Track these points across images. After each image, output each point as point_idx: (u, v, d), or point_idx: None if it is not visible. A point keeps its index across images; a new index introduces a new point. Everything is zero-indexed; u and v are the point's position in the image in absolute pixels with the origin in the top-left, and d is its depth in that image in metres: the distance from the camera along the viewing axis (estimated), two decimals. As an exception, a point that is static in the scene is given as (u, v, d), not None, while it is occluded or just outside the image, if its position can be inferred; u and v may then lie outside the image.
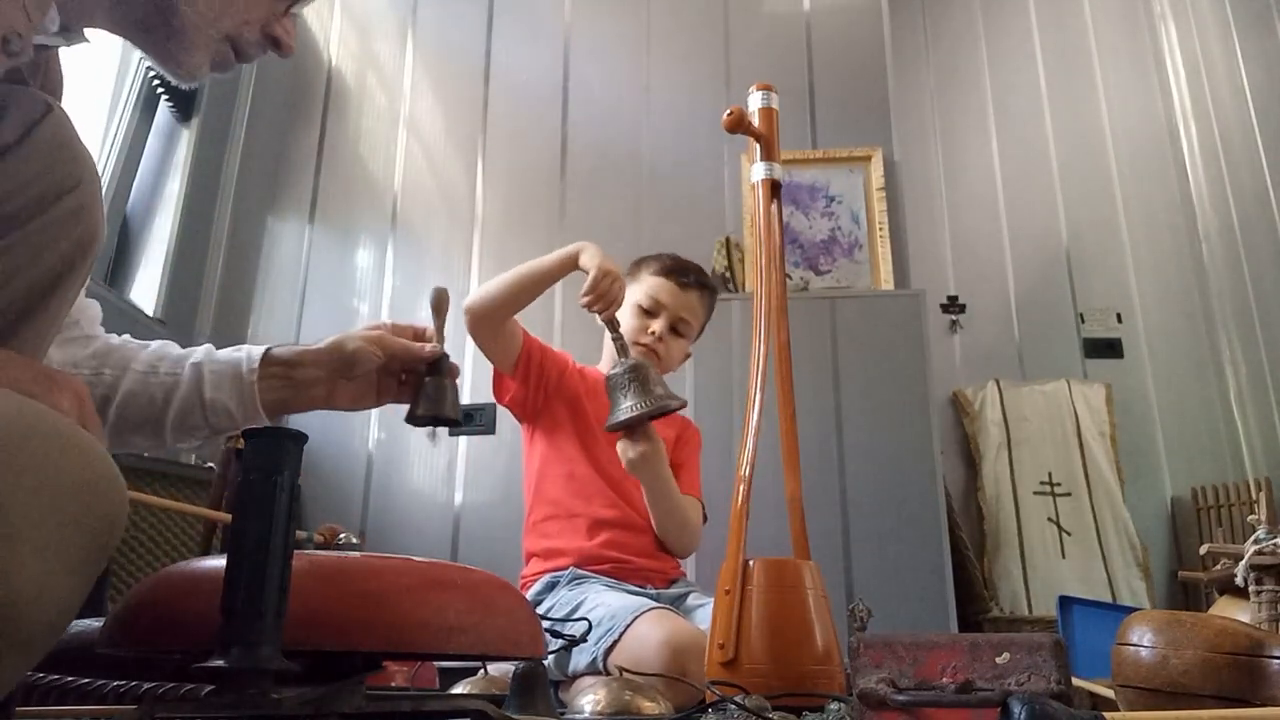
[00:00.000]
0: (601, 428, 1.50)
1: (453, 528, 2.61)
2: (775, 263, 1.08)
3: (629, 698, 0.79)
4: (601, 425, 1.49)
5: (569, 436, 1.58)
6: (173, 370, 0.92)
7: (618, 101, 3.00)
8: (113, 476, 0.52)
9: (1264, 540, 1.07)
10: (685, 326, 1.65)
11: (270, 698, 0.49)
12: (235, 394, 0.92)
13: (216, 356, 0.94)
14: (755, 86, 1.16)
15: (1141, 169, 3.45)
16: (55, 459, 0.47)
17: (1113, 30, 3.62)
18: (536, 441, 1.63)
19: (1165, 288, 3.32)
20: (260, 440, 0.52)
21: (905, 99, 3.29)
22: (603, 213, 2.81)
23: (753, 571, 0.92)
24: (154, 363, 0.92)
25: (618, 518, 1.52)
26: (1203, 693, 0.80)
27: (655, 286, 1.65)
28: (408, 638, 0.57)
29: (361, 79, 3.14)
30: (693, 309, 1.66)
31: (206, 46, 0.77)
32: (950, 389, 3.19)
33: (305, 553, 0.58)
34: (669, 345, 1.63)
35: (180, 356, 0.93)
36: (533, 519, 1.59)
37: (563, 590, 1.44)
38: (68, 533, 0.47)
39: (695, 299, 1.67)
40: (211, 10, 0.76)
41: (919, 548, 2.22)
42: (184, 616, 0.56)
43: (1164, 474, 3.13)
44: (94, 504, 0.49)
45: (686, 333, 1.67)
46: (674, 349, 1.65)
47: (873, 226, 2.73)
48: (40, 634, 0.46)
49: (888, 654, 0.68)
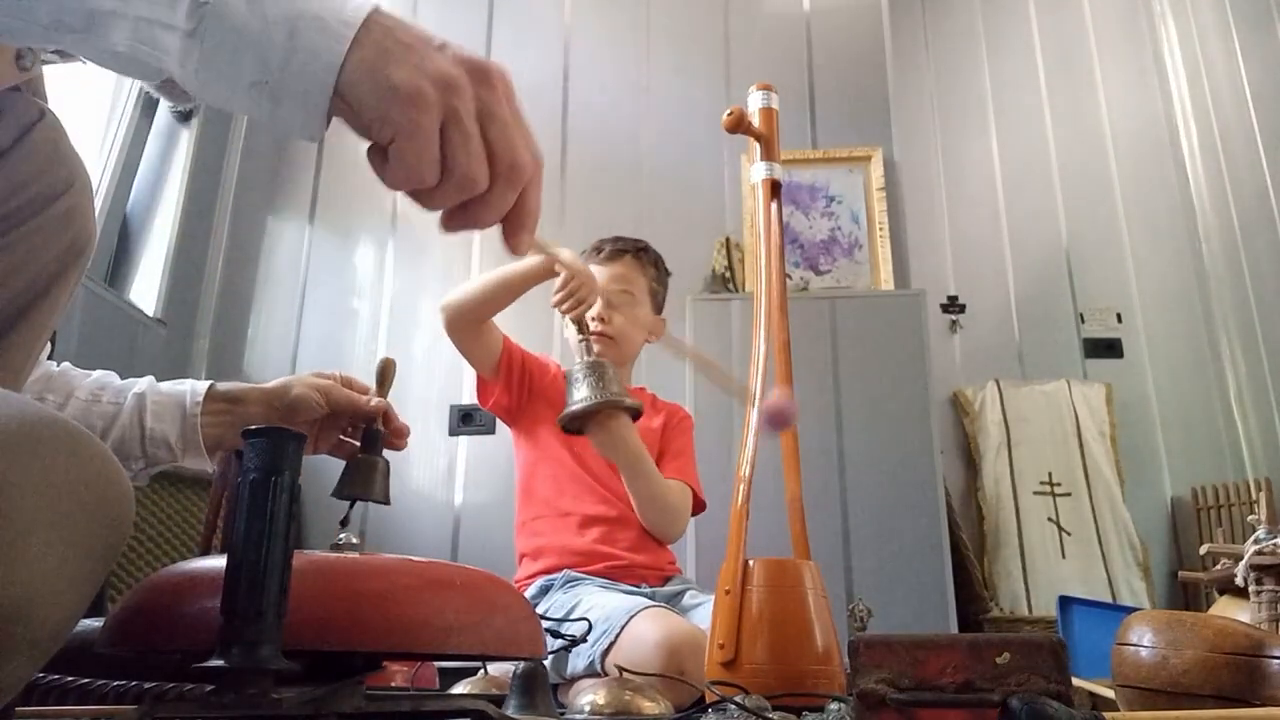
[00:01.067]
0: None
1: (453, 528, 2.61)
2: (775, 263, 1.08)
3: (629, 698, 0.79)
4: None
5: (553, 435, 1.57)
6: (114, 399, 0.91)
7: (618, 101, 3.00)
8: (119, 477, 0.52)
9: (1264, 540, 1.07)
10: (623, 296, 1.62)
11: (270, 698, 0.49)
12: (177, 426, 0.91)
13: (160, 388, 0.93)
14: (755, 86, 1.16)
15: (1141, 169, 3.45)
16: (62, 460, 0.48)
17: (1113, 30, 3.62)
18: (522, 443, 1.63)
19: (1165, 288, 3.32)
20: (260, 440, 0.52)
21: (905, 99, 3.29)
22: (603, 213, 2.80)
23: (753, 571, 0.92)
24: (96, 391, 0.91)
25: (607, 514, 1.52)
26: (1203, 693, 0.80)
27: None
28: (408, 638, 0.57)
29: (361, 79, 3.14)
30: (621, 276, 1.63)
31: None
32: (950, 389, 3.19)
33: (305, 553, 0.58)
34: (615, 323, 1.60)
35: (123, 386, 0.93)
36: (522, 519, 1.59)
37: (557, 594, 1.44)
38: (75, 533, 0.47)
39: (621, 266, 1.63)
40: None
41: (919, 548, 2.22)
42: (184, 616, 0.56)
43: (1164, 474, 3.13)
44: (101, 505, 0.49)
45: (627, 301, 1.62)
46: (622, 324, 1.61)
47: (873, 226, 2.73)
48: (48, 634, 0.46)
49: (888, 654, 0.68)
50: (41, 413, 0.50)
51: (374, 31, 0.48)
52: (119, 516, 0.51)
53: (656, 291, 1.69)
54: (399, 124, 0.48)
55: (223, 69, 0.45)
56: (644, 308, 1.65)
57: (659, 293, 1.70)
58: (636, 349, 1.68)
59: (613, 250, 1.64)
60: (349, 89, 0.47)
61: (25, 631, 0.44)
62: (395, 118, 0.47)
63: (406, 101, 0.47)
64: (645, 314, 1.65)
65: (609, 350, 1.60)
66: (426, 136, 0.48)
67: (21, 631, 0.44)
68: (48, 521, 0.45)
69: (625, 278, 1.63)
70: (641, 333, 1.66)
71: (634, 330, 1.63)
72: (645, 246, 1.70)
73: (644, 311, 1.65)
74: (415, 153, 0.48)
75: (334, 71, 0.46)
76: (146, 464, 0.92)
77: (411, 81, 0.47)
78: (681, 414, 1.72)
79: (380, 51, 0.47)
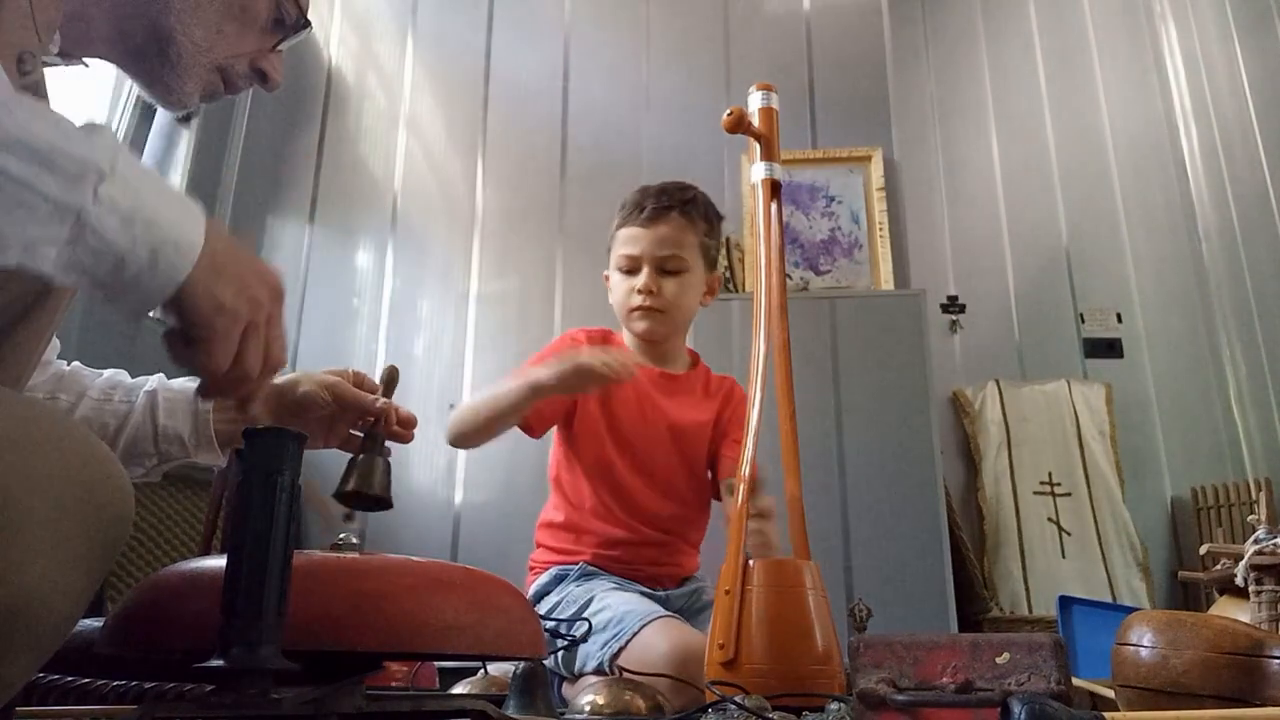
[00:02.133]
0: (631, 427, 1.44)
1: (453, 528, 2.61)
2: (775, 263, 1.08)
3: (629, 698, 0.79)
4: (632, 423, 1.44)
5: (599, 442, 1.45)
6: (126, 398, 0.92)
7: (618, 101, 3.00)
8: (120, 477, 0.52)
9: (1264, 540, 1.07)
10: (676, 262, 1.43)
11: (270, 698, 0.49)
12: (189, 422, 0.92)
13: (170, 385, 0.94)
14: (755, 86, 1.16)
15: (1141, 169, 3.45)
16: (64, 459, 0.48)
17: (1113, 30, 3.62)
18: (564, 440, 1.49)
19: (1165, 288, 3.32)
20: (260, 440, 0.52)
21: (905, 99, 3.29)
22: (603, 213, 2.78)
23: (753, 571, 0.92)
24: (108, 390, 0.92)
25: (631, 537, 1.44)
26: (1203, 693, 0.80)
27: (622, 240, 1.46)
28: (407, 638, 0.57)
29: (361, 79, 3.14)
30: (672, 239, 1.42)
31: (199, 76, 0.81)
32: (950, 389, 3.19)
33: (305, 553, 0.58)
34: (667, 293, 1.43)
35: (134, 385, 0.93)
36: (549, 514, 1.50)
37: (571, 586, 1.40)
38: (76, 532, 0.47)
39: (670, 227, 1.42)
40: (206, 41, 0.79)
41: (919, 548, 2.22)
42: (184, 616, 0.56)
43: (1164, 474, 3.13)
44: (102, 504, 0.50)
45: (681, 267, 1.43)
46: (674, 293, 1.43)
47: (873, 226, 2.73)
48: (50, 632, 0.46)
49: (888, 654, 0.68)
50: (42, 411, 0.50)
51: (210, 248, 0.58)
52: (119, 514, 0.51)
53: (709, 247, 1.48)
54: (217, 330, 0.59)
55: (84, 265, 0.52)
56: (696, 270, 1.45)
57: (711, 247, 1.49)
58: (691, 315, 1.51)
59: (655, 209, 1.42)
60: (185, 298, 0.57)
61: (27, 628, 0.44)
62: (216, 326, 0.59)
63: (229, 317, 0.59)
64: (697, 277, 1.46)
65: (660, 325, 1.45)
66: (233, 342, 0.61)
67: (23, 628, 0.44)
68: (48, 519, 0.45)
69: (673, 240, 1.42)
70: (697, 296, 1.48)
71: (687, 297, 1.45)
72: (693, 196, 1.47)
73: (696, 275, 1.46)
74: (224, 352, 0.61)
75: (178, 286, 0.56)
76: (160, 460, 0.92)
77: (234, 303, 0.59)
78: (738, 394, 1.54)
79: (213, 271, 0.58)
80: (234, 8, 0.80)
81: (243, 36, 0.82)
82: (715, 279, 1.52)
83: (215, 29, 0.80)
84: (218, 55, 0.81)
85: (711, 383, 1.57)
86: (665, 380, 1.51)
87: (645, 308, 1.43)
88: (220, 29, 0.80)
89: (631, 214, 1.46)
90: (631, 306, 1.44)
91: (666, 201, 1.44)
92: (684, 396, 1.52)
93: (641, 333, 1.47)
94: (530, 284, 2.84)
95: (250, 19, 0.82)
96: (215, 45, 0.80)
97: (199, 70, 0.80)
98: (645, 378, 1.47)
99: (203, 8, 0.78)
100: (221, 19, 0.80)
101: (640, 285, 1.42)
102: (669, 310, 1.44)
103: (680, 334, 1.54)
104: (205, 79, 0.81)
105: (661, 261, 1.43)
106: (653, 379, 1.49)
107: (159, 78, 0.79)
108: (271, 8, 0.84)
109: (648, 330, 1.46)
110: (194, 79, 0.80)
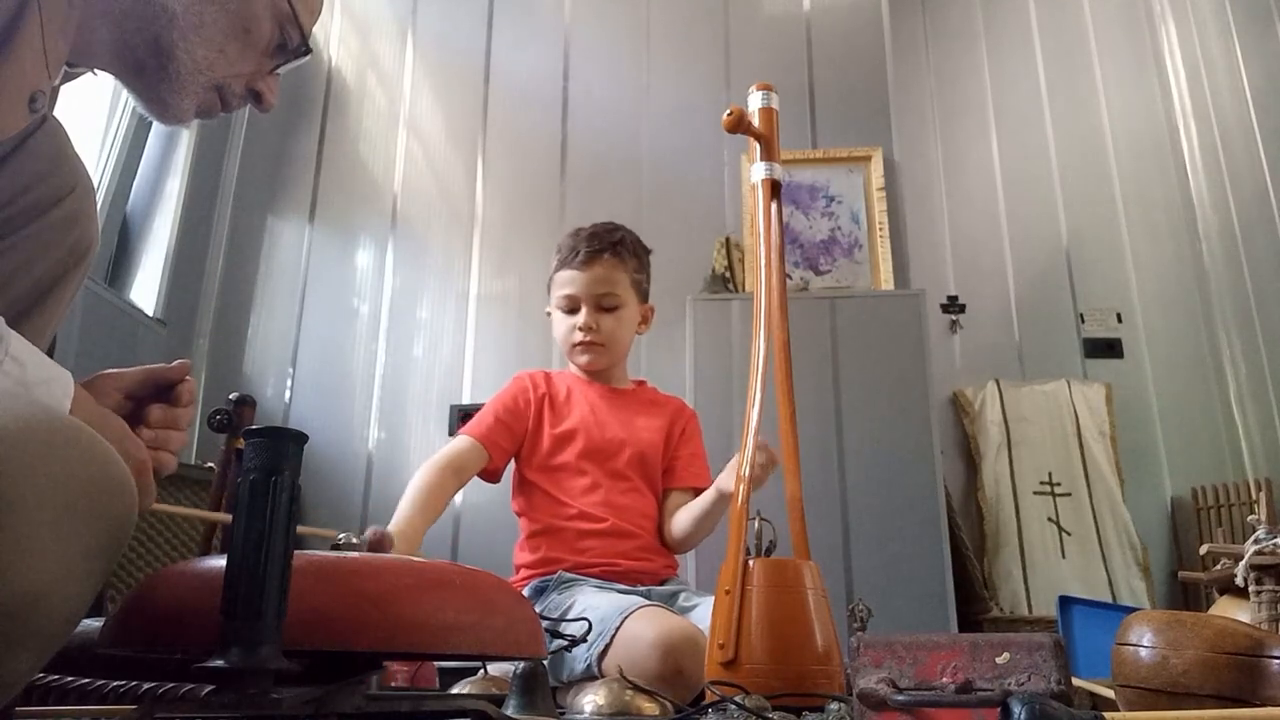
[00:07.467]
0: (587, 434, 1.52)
1: (453, 528, 2.61)
2: (775, 263, 1.08)
3: (629, 698, 0.79)
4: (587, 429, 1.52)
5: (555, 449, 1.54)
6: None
7: (618, 101, 3.00)
8: (123, 477, 0.52)
9: (1264, 540, 1.07)
10: (611, 299, 1.56)
11: (270, 698, 0.49)
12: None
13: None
14: (755, 86, 1.16)
15: (1141, 169, 3.45)
16: (68, 459, 0.48)
17: (1113, 30, 3.62)
18: (521, 467, 1.59)
19: (1165, 288, 3.32)
20: (260, 440, 0.52)
21: (905, 99, 3.29)
22: (602, 212, 2.77)
23: (753, 571, 0.92)
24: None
25: (605, 529, 1.49)
26: (1203, 693, 0.79)
27: (560, 281, 1.58)
28: (407, 638, 0.57)
29: (361, 79, 3.14)
30: (605, 279, 1.55)
31: (196, 93, 0.81)
32: (950, 389, 3.19)
33: (305, 553, 0.58)
34: (605, 328, 1.56)
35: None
36: (520, 544, 1.57)
37: (552, 594, 1.42)
38: (80, 532, 0.47)
39: (603, 268, 1.55)
40: (208, 60, 0.80)
41: (919, 548, 2.22)
42: (184, 616, 0.56)
43: (1164, 474, 3.13)
44: (106, 504, 0.50)
45: (616, 304, 1.56)
46: (611, 327, 1.57)
47: (873, 226, 2.73)
48: (52, 631, 0.46)
49: (888, 654, 0.68)
50: (47, 411, 0.50)
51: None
52: (122, 514, 0.51)
53: (639, 282, 1.62)
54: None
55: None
56: (630, 304, 1.59)
57: (642, 281, 1.63)
58: (628, 345, 1.64)
59: (589, 252, 1.55)
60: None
61: (29, 627, 0.44)
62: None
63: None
64: (632, 311, 1.60)
65: (600, 357, 1.58)
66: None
67: (28, 625, 0.44)
68: (54, 517, 0.45)
69: (607, 279, 1.56)
70: (632, 328, 1.62)
71: (623, 330, 1.59)
72: (620, 239, 1.61)
73: (630, 309, 1.60)
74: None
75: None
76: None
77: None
78: (688, 413, 1.69)
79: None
80: (238, 29, 0.81)
81: (244, 57, 0.83)
82: (648, 309, 1.65)
83: (218, 48, 0.80)
84: (217, 74, 0.82)
85: (659, 398, 1.69)
86: (611, 393, 1.63)
87: (586, 343, 1.56)
88: (223, 49, 0.81)
89: (568, 258, 1.58)
90: (574, 342, 1.58)
91: (598, 245, 1.57)
92: (631, 403, 1.63)
93: (584, 365, 1.61)
94: (530, 284, 2.84)
95: (253, 41, 0.83)
96: (216, 64, 0.81)
97: (197, 87, 0.81)
98: (593, 391, 1.60)
99: (207, 27, 0.79)
100: (225, 39, 0.81)
101: (580, 323, 1.55)
102: (608, 344, 1.58)
103: (620, 363, 1.66)
104: (202, 96, 0.82)
105: (598, 300, 1.56)
106: (600, 393, 1.61)
107: (157, 93, 0.80)
108: (275, 32, 0.84)
109: (589, 363, 1.60)
110: (191, 96, 0.81)
